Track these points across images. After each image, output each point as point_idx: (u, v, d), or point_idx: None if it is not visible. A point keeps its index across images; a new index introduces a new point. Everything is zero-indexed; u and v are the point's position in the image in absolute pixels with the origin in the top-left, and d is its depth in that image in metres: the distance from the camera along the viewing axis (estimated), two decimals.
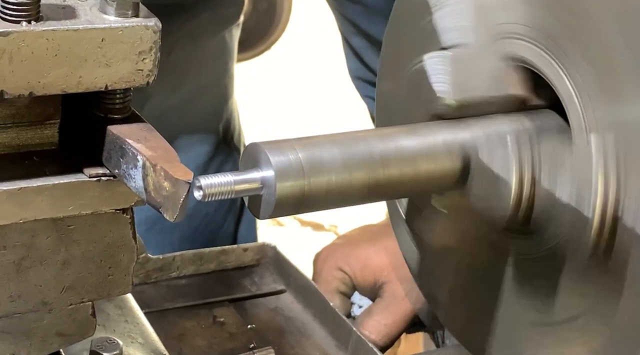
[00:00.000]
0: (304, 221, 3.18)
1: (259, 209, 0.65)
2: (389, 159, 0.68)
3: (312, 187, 0.65)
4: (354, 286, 1.24)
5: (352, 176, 0.66)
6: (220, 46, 1.56)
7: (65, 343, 0.72)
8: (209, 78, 1.57)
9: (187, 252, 1.14)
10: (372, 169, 0.67)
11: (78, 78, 0.62)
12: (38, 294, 0.68)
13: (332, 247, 1.28)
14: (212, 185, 0.61)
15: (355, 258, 1.23)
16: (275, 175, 0.63)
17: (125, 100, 0.67)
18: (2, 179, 0.64)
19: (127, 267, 0.71)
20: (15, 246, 0.66)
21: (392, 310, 1.18)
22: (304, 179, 0.64)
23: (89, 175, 0.66)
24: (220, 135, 1.60)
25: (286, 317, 1.10)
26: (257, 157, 0.64)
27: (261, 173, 0.64)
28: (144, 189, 0.63)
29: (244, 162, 0.65)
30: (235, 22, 1.58)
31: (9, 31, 0.60)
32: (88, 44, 0.62)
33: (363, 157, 0.67)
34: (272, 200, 0.63)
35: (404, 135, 0.70)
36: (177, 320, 1.08)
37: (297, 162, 0.64)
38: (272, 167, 0.63)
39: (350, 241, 1.27)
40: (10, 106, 0.65)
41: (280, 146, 0.65)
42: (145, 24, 0.63)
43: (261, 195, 0.64)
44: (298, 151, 0.65)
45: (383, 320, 1.17)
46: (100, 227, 0.69)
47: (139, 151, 0.63)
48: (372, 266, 1.22)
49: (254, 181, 0.64)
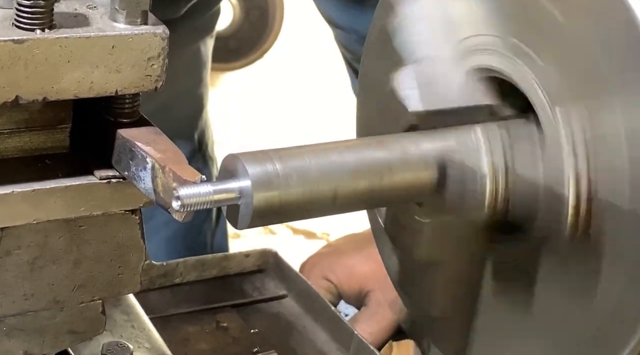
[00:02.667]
0: (296, 229, 3.18)
1: (237, 219, 0.65)
2: (365, 169, 0.69)
3: (290, 197, 0.65)
4: (339, 295, 1.24)
5: (329, 186, 0.67)
6: (195, 56, 1.58)
7: (77, 340, 0.74)
8: (183, 87, 1.58)
9: (190, 259, 1.16)
10: (349, 178, 0.68)
11: (90, 83, 0.65)
12: (51, 293, 0.71)
13: (318, 256, 1.28)
14: (190, 196, 0.62)
15: (341, 267, 1.24)
16: (252, 185, 0.63)
17: (135, 104, 0.69)
18: (17, 181, 0.66)
19: (136, 266, 0.73)
20: (29, 246, 0.69)
21: (378, 319, 1.19)
22: (280, 189, 0.65)
23: (99, 178, 0.68)
24: (196, 144, 1.61)
25: (288, 321, 1.12)
26: (234, 167, 0.65)
27: (239, 183, 0.64)
28: (153, 190, 0.65)
29: (222, 172, 0.66)
30: (209, 33, 1.59)
31: (24, 39, 0.62)
32: (99, 50, 0.64)
33: (339, 168, 0.68)
34: (250, 210, 0.64)
35: (379, 145, 0.71)
36: (181, 325, 1.09)
37: (274, 172, 0.65)
38: (249, 177, 0.64)
39: (336, 250, 1.28)
40: (24, 111, 0.68)
41: (257, 157, 0.65)
42: (154, 31, 0.66)
43: (239, 205, 0.64)
44: (275, 162, 0.65)
45: (368, 329, 1.18)
46: (111, 227, 0.71)
47: (148, 153, 0.66)
48: (357, 275, 1.22)
49: (231, 191, 0.64)
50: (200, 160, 1.62)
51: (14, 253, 0.68)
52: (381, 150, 0.70)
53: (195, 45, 1.56)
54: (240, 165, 0.64)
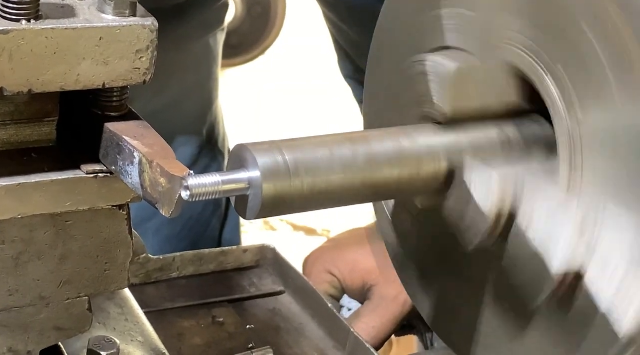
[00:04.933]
0: (296, 226, 3.18)
1: (246, 209, 0.65)
2: (375, 161, 0.68)
3: (298, 189, 0.65)
4: (342, 289, 1.24)
5: (338, 178, 0.67)
6: (205, 51, 1.57)
7: (62, 337, 0.73)
8: (193, 82, 1.57)
9: (187, 253, 1.15)
10: (357, 171, 0.68)
11: (76, 76, 0.64)
12: (36, 289, 0.70)
13: (321, 250, 1.28)
14: (199, 185, 0.62)
15: (344, 261, 1.23)
16: (262, 175, 0.64)
17: (123, 98, 0.68)
18: (1, 175, 0.65)
19: (123, 263, 0.72)
20: (14, 241, 0.67)
21: (381, 313, 1.19)
22: (290, 180, 0.65)
23: (86, 172, 0.67)
24: (204, 139, 1.60)
25: (284, 317, 1.11)
26: (243, 158, 0.65)
27: (248, 173, 0.64)
28: (141, 185, 0.64)
29: (230, 163, 0.66)
30: (219, 27, 1.58)
31: (9, 29, 0.61)
32: (86, 42, 0.63)
33: (349, 159, 0.67)
34: (259, 201, 0.64)
35: (390, 138, 0.70)
36: (177, 320, 1.08)
37: (283, 163, 0.65)
38: (258, 168, 0.64)
39: (339, 244, 1.28)
40: (10, 103, 0.67)
41: (266, 147, 0.65)
42: (143, 24, 0.64)
43: (248, 195, 0.64)
44: (284, 152, 0.65)
45: (371, 323, 1.18)
46: (97, 223, 0.70)
47: (135, 148, 0.64)
48: (360, 269, 1.22)
49: (240, 181, 0.64)
50: (208, 155, 1.61)
51: None
52: (392, 143, 0.70)
53: (204, 40, 1.55)
54: (250, 155, 0.64)
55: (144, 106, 1.50)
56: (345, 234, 1.31)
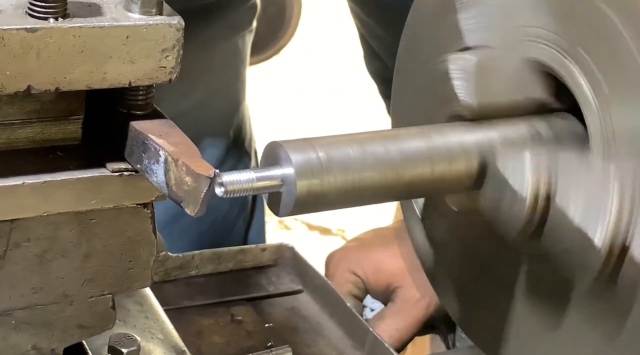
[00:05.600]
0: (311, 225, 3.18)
1: (279, 206, 0.65)
2: (407, 159, 0.68)
3: (331, 186, 0.66)
4: (366, 289, 1.24)
5: (371, 175, 0.67)
6: (232, 52, 1.57)
7: (85, 335, 0.73)
8: (220, 83, 1.57)
9: (206, 251, 1.16)
10: (390, 168, 0.68)
11: (103, 74, 0.64)
12: (60, 286, 0.70)
13: (345, 250, 1.28)
14: (233, 182, 0.62)
15: (369, 261, 1.23)
16: (296, 172, 0.64)
17: (148, 96, 0.68)
18: (27, 173, 0.65)
19: (147, 261, 0.72)
20: (39, 239, 0.68)
21: (404, 315, 1.19)
22: (323, 177, 0.65)
23: (111, 170, 0.67)
24: (231, 140, 1.60)
25: (303, 316, 1.11)
26: (277, 155, 0.65)
27: (281, 170, 0.64)
28: (166, 184, 0.64)
29: (263, 160, 0.66)
30: (248, 28, 1.58)
31: (37, 27, 0.61)
32: (113, 41, 0.63)
33: (381, 157, 0.68)
34: (292, 198, 0.64)
35: (422, 135, 0.70)
36: (196, 317, 1.09)
37: (316, 161, 0.65)
38: (292, 165, 0.64)
39: (363, 244, 1.28)
40: (36, 101, 0.67)
41: (300, 145, 0.66)
42: (169, 22, 0.64)
43: (281, 192, 0.65)
44: (317, 150, 0.65)
45: (395, 324, 1.17)
46: (122, 221, 0.70)
47: (161, 146, 0.64)
48: (385, 270, 1.22)
49: (274, 178, 0.64)
50: (235, 156, 1.61)
51: (23, 246, 0.67)
52: (423, 140, 0.70)
53: (232, 41, 1.55)
54: (283, 152, 0.65)
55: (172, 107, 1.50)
56: (369, 234, 1.31)
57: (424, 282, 0.91)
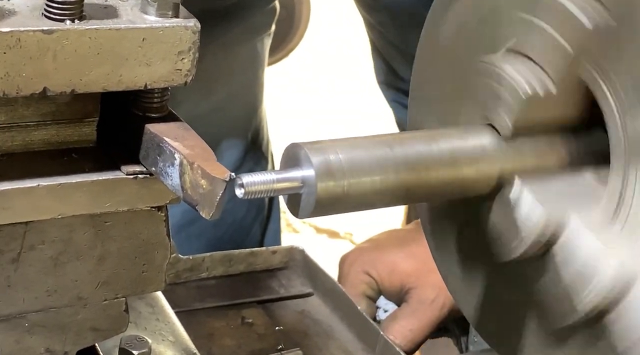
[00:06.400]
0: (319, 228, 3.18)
1: (298, 208, 0.65)
2: (428, 161, 0.68)
3: (352, 188, 0.65)
4: (380, 290, 1.24)
5: (392, 177, 0.66)
6: (251, 55, 1.57)
7: (99, 338, 0.72)
8: (239, 86, 1.57)
9: (217, 253, 1.16)
10: (411, 170, 0.67)
11: (119, 76, 0.63)
12: (74, 289, 0.69)
13: (359, 251, 1.28)
14: (253, 183, 0.62)
15: (383, 263, 1.23)
16: (316, 174, 0.63)
17: (163, 99, 0.68)
18: (42, 175, 0.65)
19: (160, 264, 0.72)
20: (54, 241, 0.67)
21: (418, 316, 1.19)
22: (344, 179, 0.64)
23: (126, 173, 0.67)
24: (249, 142, 1.60)
25: (314, 319, 1.11)
26: (297, 156, 0.65)
27: (302, 172, 0.64)
28: (181, 187, 0.64)
29: (283, 161, 0.66)
30: (267, 31, 1.58)
31: (53, 29, 0.61)
32: (129, 43, 0.63)
33: (403, 159, 0.67)
34: (313, 200, 0.64)
35: (443, 137, 0.70)
36: (207, 320, 1.09)
37: (337, 163, 0.64)
38: (312, 167, 0.64)
39: (378, 245, 1.28)
40: (51, 103, 0.66)
41: (320, 146, 0.65)
42: (185, 25, 0.64)
43: (301, 194, 0.64)
44: (338, 152, 0.65)
45: (409, 326, 1.17)
46: (136, 224, 0.69)
47: (176, 149, 0.64)
48: (399, 271, 1.22)
49: (294, 180, 0.64)
50: (253, 159, 1.61)
51: (37, 248, 0.67)
52: (445, 143, 0.69)
53: (251, 44, 1.55)
54: (304, 154, 0.64)
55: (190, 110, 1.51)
56: (383, 235, 1.31)
57: (439, 283, 0.90)
